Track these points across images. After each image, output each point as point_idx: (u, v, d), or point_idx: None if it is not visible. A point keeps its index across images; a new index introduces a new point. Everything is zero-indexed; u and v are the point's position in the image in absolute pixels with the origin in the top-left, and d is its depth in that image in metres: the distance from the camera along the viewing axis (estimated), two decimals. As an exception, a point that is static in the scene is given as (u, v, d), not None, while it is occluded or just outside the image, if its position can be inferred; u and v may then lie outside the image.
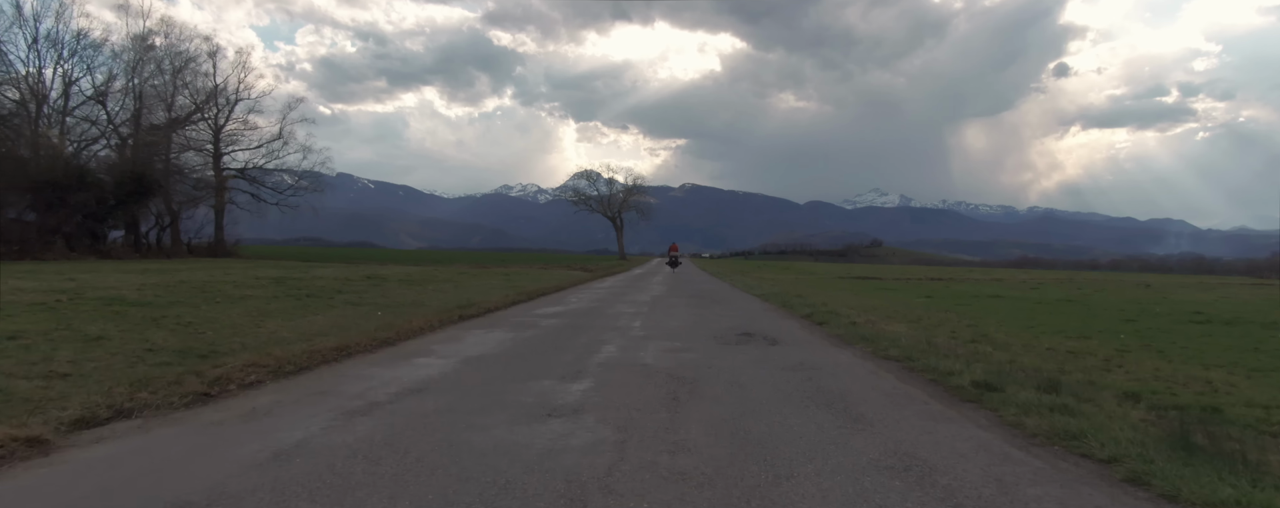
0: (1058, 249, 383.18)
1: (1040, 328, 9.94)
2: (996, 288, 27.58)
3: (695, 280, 23.17)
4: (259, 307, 10.63)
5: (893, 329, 8.05)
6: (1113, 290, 27.22)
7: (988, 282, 38.22)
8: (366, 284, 17.35)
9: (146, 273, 18.94)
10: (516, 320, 9.72)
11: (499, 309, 11.32)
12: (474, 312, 10.28)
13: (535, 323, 9.38)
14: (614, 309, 11.74)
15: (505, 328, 8.74)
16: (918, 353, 6.26)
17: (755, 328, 8.88)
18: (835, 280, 32.74)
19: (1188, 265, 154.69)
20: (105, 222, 33.08)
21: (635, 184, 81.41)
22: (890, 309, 12.98)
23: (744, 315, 10.85)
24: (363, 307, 11.77)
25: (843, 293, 19.56)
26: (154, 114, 40.51)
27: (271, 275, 19.50)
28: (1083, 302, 18.19)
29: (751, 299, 14.44)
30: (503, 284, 20.76)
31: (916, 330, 8.26)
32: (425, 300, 13.46)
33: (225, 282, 15.81)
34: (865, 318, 9.41)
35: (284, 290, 14.05)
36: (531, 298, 13.75)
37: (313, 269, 25.43)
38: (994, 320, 11.14)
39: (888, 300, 16.53)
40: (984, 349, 6.78)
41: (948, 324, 9.95)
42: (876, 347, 6.90)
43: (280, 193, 45.75)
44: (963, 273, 58.95)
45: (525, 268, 38.48)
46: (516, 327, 8.85)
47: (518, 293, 14.85)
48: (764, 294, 15.13)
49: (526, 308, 11.85)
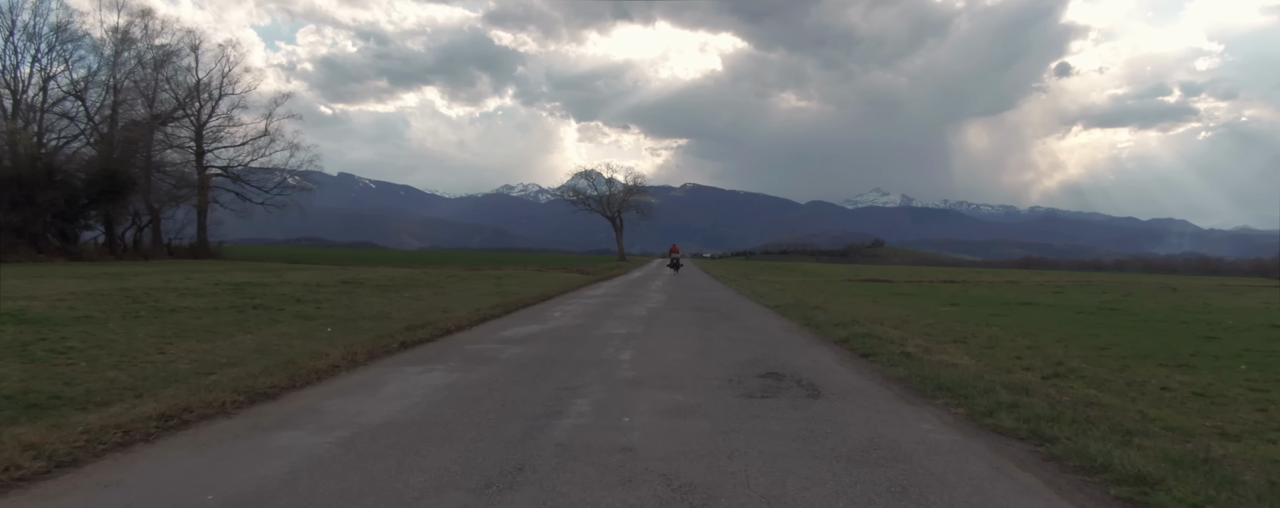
0: (1060, 249, 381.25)
1: (1114, 350, 8.27)
2: (1018, 292, 25.90)
3: (698, 286, 21.45)
4: (185, 322, 8.99)
5: (956, 361, 6.30)
6: (1144, 295, 25.53)
7: (1002, 284, 36.54)
8: (336, 291, 15.71)
9: (96, 278, 17.29)
10: (472, 349, 7.48)
11: (461, 329, 9.28)
12: (424, 335, 8.24)
13: (494, 355, 7.08)
14: (602, 329, 9.57)
15: (451, 364, 6.44)
16: (1034, 415, 4.27)
17: (782, 363, 6.60)
18: (846, 284, 31.06)
19: (1193, 266, 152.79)
20: (76, 221, 31.46)
21: (635, 184, 79.61)
22: (926, 324, 11.32)
23: (762, 339, 8.62)
24: (316, 320, 10.13)
25: (861, 300, 17.89)
26: (134, 110, 38.90)
27: (235, 281, 17.86)
28: (1124, 310, 16.52)
29: (765, 313, 12.18)
30: (489, 289, 19.12)
31: (981, 361, 6.55)
32: (392, 312, 11.82)
33: (174, 289, 14.18)
34: (913, 342, 7.59)
35: (235, 299, 12.41)
36: (510, 311, 11.77)
37: (288, 273, 23.80)
38: (1051, 338, 9.48)
39: (913, 310, 14.87)
40: (1087, 393, 5.12)
41: (1004, 345, 8.28)
42: (966, 401, 4.75)
43: (267, 192, 44.07)
44: (972, 274, 57.25)
45: (520, 270, 36.82)
46: (467, 362, 6.58)
47: (497, 302, 13.14)
48: (779, 306, 13.11)
49: (497, 327, 9.75)
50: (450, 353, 7.19)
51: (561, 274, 33.57)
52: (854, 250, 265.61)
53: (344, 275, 22.84)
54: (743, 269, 59.43)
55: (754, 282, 28.15)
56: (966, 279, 42.21)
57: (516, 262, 55.29)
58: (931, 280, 38.23)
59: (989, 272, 73.51)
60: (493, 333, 8.98)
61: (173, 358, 6.47)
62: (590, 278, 28.45)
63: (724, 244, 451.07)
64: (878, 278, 40.94)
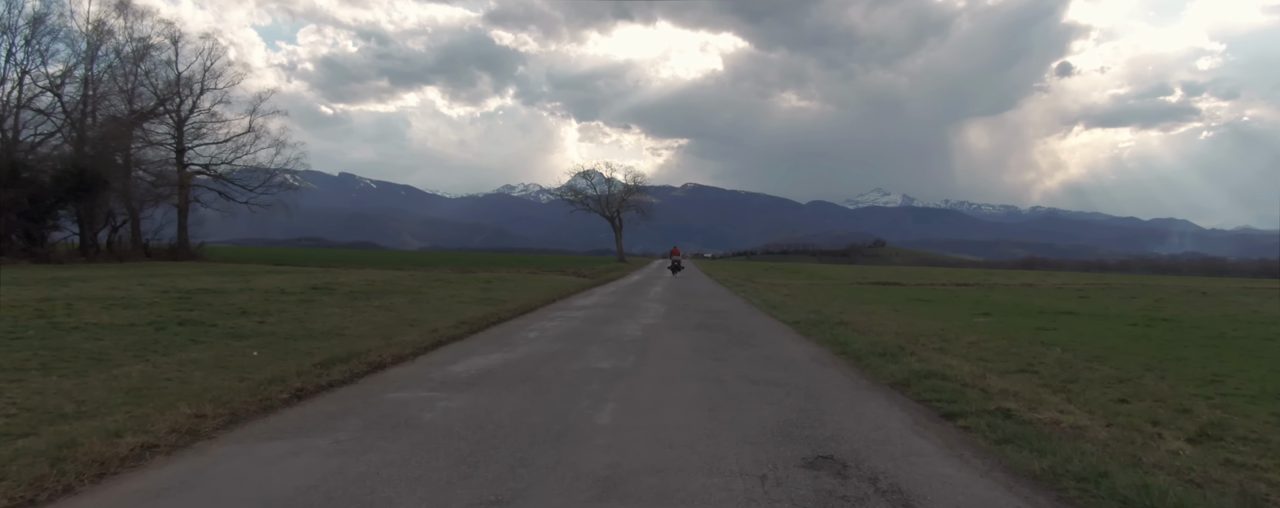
0: (1061, 249, 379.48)
1: (1228, 383, 6.59)
2: (1042, 297, 24.21)
3: (700, 293, 19.71)
4: (74, 346, 7.32)
5: (1074, 421, 4.51)
6: (1177, 301, 23.82)
7: (1018, 287, 34.85)
8: (297, 300, 14.03)
9: (33, 284, 15.60)
10: (392, 401, 5.23)
11: (399, 362, 6.88)
12: (340, 374, 5.97)
13: (416, 415, 4.81)
14: (582, 360, 7.26)
15: (340, 435, 4.24)
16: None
17: (834, 435, 4.41)
18: (856, 288, 29.36)
19: (1197, 267, 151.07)
20: (44, 221, 29.75)
21: (635, 183, 77.72)
22: (970, 343, 9.64)
23: (792, 380, 6.33)
24: (248, 340, 8.47)
25: (881, 308, 16.19)
26: (112, 105, 37.22)
27: (190, 288, 16.19)
28: (1175, 319, 14.83)
29: (783, 332, 9.89)
30: (473, 296, 17.44)
31: (1094, 415, 4.79)
32: (347, 326, 10.15)
33: (108, 299, 12.51)
34: (992, 383, 5.66)
35: (167, 312, 10.73)
36: (477, 329, 9.60)
37: (260, 278, 22.12)
38: (1134, 365, 7.81)
39: (944, 321, 13.17)
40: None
41: (1083, 377, 6.57)
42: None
43: (251, 191, 42.28)
44: (982, 276, 55.50)
45: (513, 273, 35.12)
46: (366, 431, 4.36)
47: (471, 317, 11.40)
48: (797, 321, 11.01)
49: (449, 355, 7.43)
50: (356, 408, 5.00)
51: (556, 277, 31.86)
52: (855, 251, 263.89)
53: (319, 280, 21.16)
54: (745, 271, 57.72)
55: (760, 286, 26.44)
56: (979, 282, 40.50)
57: (513, 263, 53.57)
58: (945, 283, 36.50)
59: (999, 273, 71.79)
60: (438, 368, 6.69)
61: (3, 406, 4.79)
62: (585, 282, 26.76)
63: (725, 244, 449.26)
64: (888, 281, 39.22)
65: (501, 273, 34.10)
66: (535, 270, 38.50)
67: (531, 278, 29.93)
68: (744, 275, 42.12)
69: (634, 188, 76.90)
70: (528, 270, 38.10)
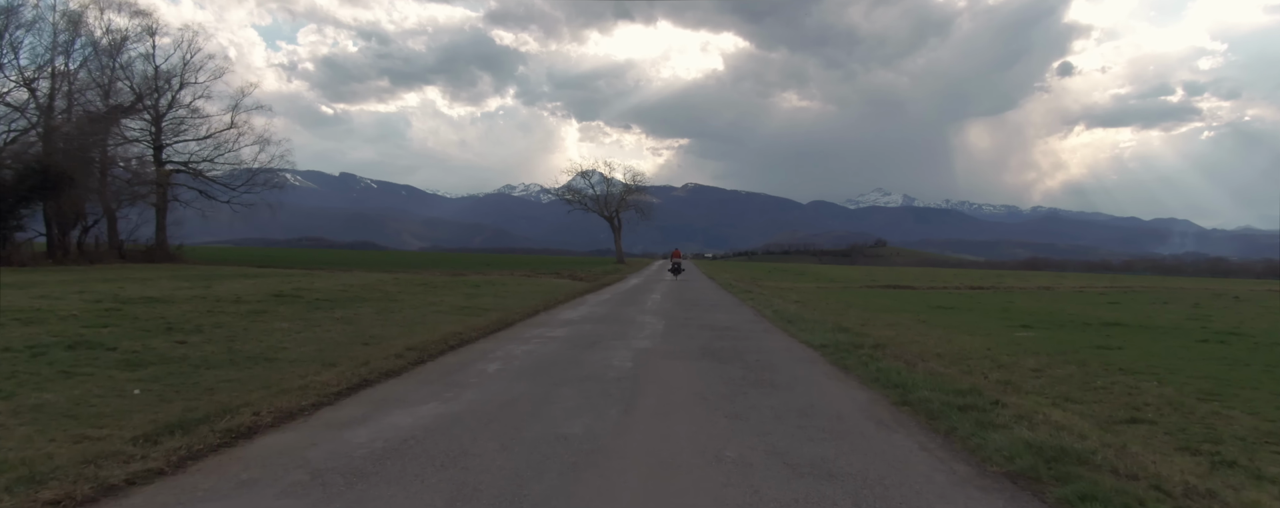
0: (1063, 249, 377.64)
1: None
2: (1069, 302, 22.50)
3: (704, 302, 17.96)
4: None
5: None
6: (1217, 309, 22.13)
7: (1035, 290, 33.18)
8: (248, 311, 12.33)
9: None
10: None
11: (276, 426, 4.56)
12: (202, 443, 3.97)
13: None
14: (543, 418, 4.90)
15: None
16: None
17: None
18: (867, 293, 27.65)
19: (1201, 267, 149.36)
20: (6, 221, 28.06)
21: (634, 182, 75.93)
22: (1032, 370, 7.96)
23: (853, 468, 3.85)
24: (141, 371, 6.79)
25: (906, 320, 14.48)
26: (88, 100, 35.54)
27: (135, 295, 14.50)
28: (1243, 333, 13.12)
29: (812, 361, 7.61)
30: (453, 305, 15.75)
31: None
32: (287, 348, 8.44)
33: (28, 311, 10.82)
34: (1179, 480, 3.40)
35: (69, 330, 9.03)
36: (426, 358, 7.48)
37: (224, 282, 20.40)
38: (1239, 404, 6.14)
39: (988, 336, 11.46)
40: None
41: (1246, 442, 4.90)
42: None
43: (233, 190, 40.53)
44: (992, 278, 53.78)
45: (507, 275, 33.46)
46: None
47: (433, 336, 9.68)
48: (824, 344, 8.91)
49: (358, 412, 5.03)
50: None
51: (550, 280, 30.19)
52: (857, 251, 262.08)
53: (288, 286, 19.45)
54: (748, 273, 56.03)
55: (766, 291, 24.71)
56: (992, 284, 38.80)
57: (509, 264, 51.85)
58: (958, 286, 34.80)
59: (1007, 274, 70.01)
60: (330, 435, 4.40)
61: None
62: (579, 287, 25.06)
63: (725, 244, 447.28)
64: (896, 283, 37.51)
65: (494, 276, 32.42)
66: (530, 273, 36.83)
67: (524, 281, 28.26)
68: (747, 278, 40.40)
69: (633, 188, 75.16)
70: (522, 273, 36.43)
